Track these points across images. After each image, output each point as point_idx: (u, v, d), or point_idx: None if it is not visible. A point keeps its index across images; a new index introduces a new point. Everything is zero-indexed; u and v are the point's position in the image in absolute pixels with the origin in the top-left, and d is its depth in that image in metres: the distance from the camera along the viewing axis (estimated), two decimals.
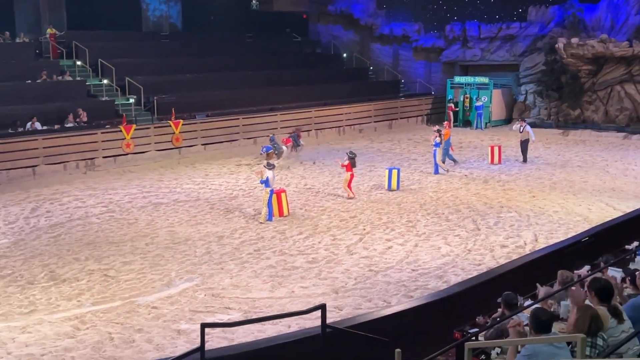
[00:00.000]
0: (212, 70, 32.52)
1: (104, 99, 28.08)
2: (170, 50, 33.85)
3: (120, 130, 25.28)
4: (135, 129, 25.64)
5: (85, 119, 25.78)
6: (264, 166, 18.04)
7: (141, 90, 27.96)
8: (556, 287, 8.54)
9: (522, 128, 25.60)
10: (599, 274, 8.19)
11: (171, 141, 26.70)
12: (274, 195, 18.10)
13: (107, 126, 25.73)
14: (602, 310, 6.46)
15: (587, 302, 6.60)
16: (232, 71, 33.09)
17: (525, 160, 25.60)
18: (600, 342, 6.05)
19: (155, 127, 26.58)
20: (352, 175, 20.15)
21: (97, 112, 26.56)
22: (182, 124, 26.97)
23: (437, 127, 24.03)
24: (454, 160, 25.13)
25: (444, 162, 24.12)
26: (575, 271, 9.41)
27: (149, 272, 13.89)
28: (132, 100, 28.13)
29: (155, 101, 27.88)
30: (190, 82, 30.91)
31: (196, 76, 31.50)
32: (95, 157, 24.68)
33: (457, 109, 36.05)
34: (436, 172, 23.64)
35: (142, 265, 14.35)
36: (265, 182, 17.59)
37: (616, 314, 6.45)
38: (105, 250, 15.33)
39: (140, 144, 25.80)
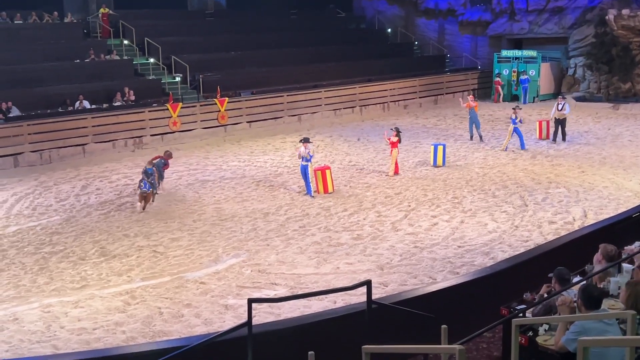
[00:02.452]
0: (257, 48, 32.57)
1: (150, 77, 28.38)
2: (215, 29, 33.97)
3: (167, 109, 25.55)
4: (181, 107, 25.88)
5: (132, 98, 26.12)
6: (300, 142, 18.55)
7: (187, 69, 28.18)
8: (598, 261, 8.38)
9: (561, 106, 24.44)
10: None
11: (217, 119, 26.89)
12: (319, 172, 18.17)
13: (154, 105, 26.02)
14: None
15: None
16: (276, 48, 33.08)
17: (564, 139, 24.42)
18: None
19: (201, 105, 26.79)
20: (398, 152, 20.08)
21: (144, 91, 26.86)
22: (228, 102, 27.13)
23: (516, 104, 23.89)
24: (471, 136, 24.94)
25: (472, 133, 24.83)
26: (625, 247, 9.24)
27: (197, 248, 14.10)
28: (178, 79, 28.37)
29: (200, 79, 28.06)
30: (235, 60, 31.02)
31: (241, 54, 31.59)
32: (143, 135, 25.00)
33: (502, 83, 35.53)
34: (523, 147, 23.27)
35: (190, 241, 14.56)
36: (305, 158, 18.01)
37: None
38: (154, 227, 15.59)
39: (187, 122, 26.05)
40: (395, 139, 19.81)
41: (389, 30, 40.87)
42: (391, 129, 20.48)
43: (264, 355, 7.14)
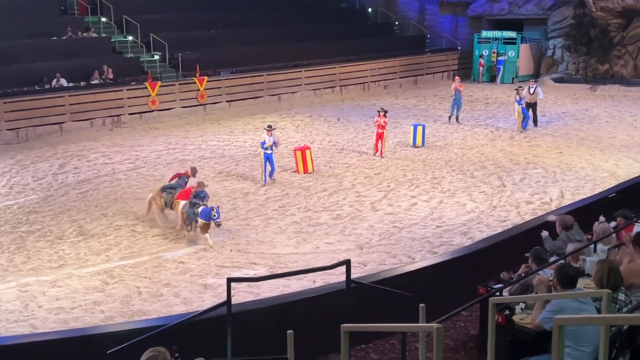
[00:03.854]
0: (237, 26, 32.29)
1: (129, 55, 28.08)
2: (194, 6, 33.58)
3: (146, 87, 25.34)
4: (160, 86, 25.67)
5: (110, 76, 25.85)
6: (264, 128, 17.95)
7: (166, 47, 27.92)
8: (559, 232, 8.58)
9: (532, 89, 23.84)
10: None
11: (196, 98, 26.73)
12: (299, 152, 18.15)
13: (133, 83, 25.80)
14: None
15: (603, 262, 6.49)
16: (256, 27, 32.84)
17: (536, 123, 23.87)
18: (621, 296, 6.04)
19: (180, 84, 26.60)
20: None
21: (122, 69, 26.60)
22: (207, 81, 26.95)
23: (518, 85, 23.84)
24: (450, 117, 24.95)
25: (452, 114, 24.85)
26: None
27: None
28: (157, 57, 28.11)
29: (179, 58, 27.83)
30: (214, 38, 30.75)
31: (220, 32, 31.32)
32: (121, 114, 24.81)
33: (484, 65, 35.66)
34: (525, 126, 23.21)
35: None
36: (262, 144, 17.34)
37: None
38: (133, 206, 15.51)
39: (166, 100, 25.86)
40: (383, 121, 19.66)
41: (370, 9, 40.70)
42: (381, 111, 20.05)
43: (243, 334, 7.16)
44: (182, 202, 13.65)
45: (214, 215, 12.87)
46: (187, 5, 33.26)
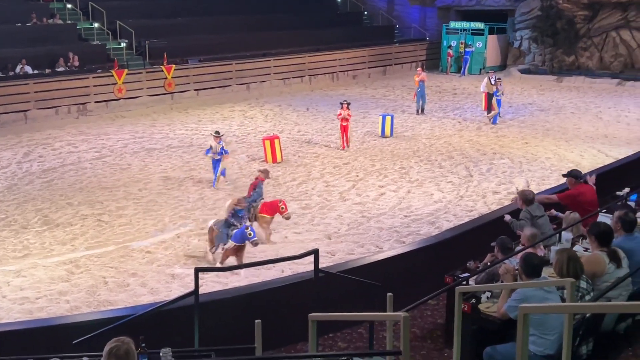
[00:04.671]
0: (205, 14, 32.01)
1: (95, 43, 27.70)
2: None
3: (112, 75, 25.03)
4: (127, 74, 25.38)
5: (76, 64, 25.48)
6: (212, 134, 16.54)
7: (132, 34, 27.58)
8: (519, 206, 8.82)
9: (493, 80, 23.58)
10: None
11: (163, 86, 26.47)
12: (267, 142, 18.10)
13: (99, 71, 25.46)
14: (601, 254, 6.53)
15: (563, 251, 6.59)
16: (224, 15, 32.58)
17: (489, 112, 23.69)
18: (583, 284, 6.14)
19: (147, 72, 26.31)
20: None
21: (88, 57, 26.21)
22: (175, 69, 26.70)
23: (497, 77, 23.88)
24: (418, 109, 24.91)
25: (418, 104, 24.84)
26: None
27: (143, 218, 13.95)
28: (123, 45, 27.76)
29: (147, 45, 27.51)
30: (182, 26, 30.44)
31: (188, 20, 31.03)
32: (87, 102, 24.47)
33: (453, 55, 35.89)
34: (494, 122, 23.14)
35: (136, 210, 14.39)
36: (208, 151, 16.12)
37: (615, 258, 6.52)
38: (99, 196, 15.35)
39: (132, 89, 25.58)
40: (347, 114, 19.58)
41: None
42: (345, 103, 20.03)
43: (211, 324, 7.14)
44: (266, 216, 12.51)
45: (249, 234, 11.27)
46: None
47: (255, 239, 11.32)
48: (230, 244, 11.51)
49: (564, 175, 10.55)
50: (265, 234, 12.53)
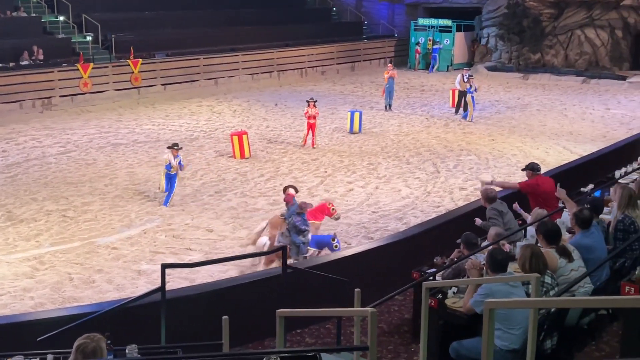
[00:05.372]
0: (172, 9, 31.71)
1: (60, 36, 27.28)
2: None
3: (77, 69, 24.70)
4: (92, 68, 25.06)
5: (41, 57, 25.09)
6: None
7: (98, 28, 27.24)
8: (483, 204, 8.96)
9: (466, 77, 23.63)
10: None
11: (130, 81, 26.20)
12: (235, 137, 18.02)
13: (64, 64, 25.10)
14: (551, 251, 6.64)
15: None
16: (192, 9, 32.35)
17: (465, 110, 23.67)
18: (548, 280, 6.23)
19: (113, 66, 26.01)
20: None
21: (53, 50, 25.83)
22: (141, 63, 26.44)
23: (470, 74, 23.97)
24: (386, 106, 24.92)
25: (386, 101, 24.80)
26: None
27: (109, 213, 13.80)
28: (89, 38, 27.40)
29: (113, 39, 27.19)
30: (149, 20, 30.14)
31: (155, 14, 30.72)
32: (52, 96, 24.12)
33: (420, 52, 36.09)
34: (465, 117, 23.23)
35: (102, 206, 14.23)
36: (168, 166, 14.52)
37: (565, 253, 6.64)
38: (64, 191, 15.14)
39: (98, 83, 25.27)
40: (315, 112, 19.44)
41: None
42: (310, 101, 19.80)
43: (178, 321, 7.10)
44: (316, 222, 11.72)
45: (335, 246, 10.62)
46: None
47: (340, 250, 10.74)
48: (312, 250, 10.98)
49: (523, 169, 10.79)
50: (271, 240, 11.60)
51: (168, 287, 6.85)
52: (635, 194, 7.70)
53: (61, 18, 27.77)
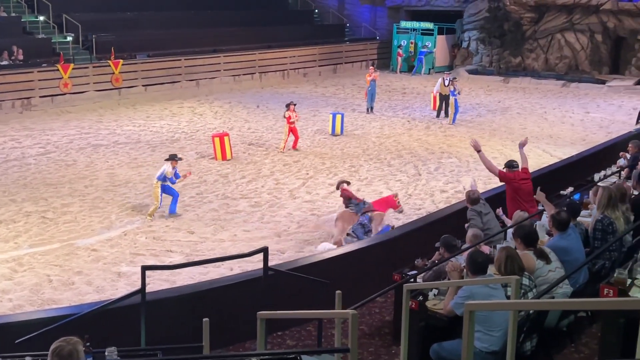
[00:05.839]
0: (154, 9, 31.58)
1: (40, 36, 27.06)
2: None
3: (58, 70, 24.52)
4: (73, 68, 24.90)
5: (21, 57, 24.86)
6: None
7: (79, 28, 27.05)
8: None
9: (447, 81, 23.72)
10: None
11: (111, 81, 26.05)
12: (217, 139, 17.97)
13: (44, 65, 24.90)
14: (529, 254, 6.69)
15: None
16: (174, 10, 32.22)
17: (446, 114, 23.71)
18: (525, 281, 6.27)
19: (94, 67, 25.85)
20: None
21: (33, 50, 25.61)
22: (122, 64, 26.31)
23: (453, 77, 24.05)
24: (368, 108, 24.97)
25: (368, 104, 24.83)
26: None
27: (89, 215, 13.71)
28: (69, 39, 27.20)
29: (94, 40, 27.02)
30: (130, 21, 29.98)
31: (137, 14, 30.56)
32: (32, 96, 23.93)
33: (406, 55, 36.21)
34: (454, 121, 23.26)
35: (82, 207, 14.13)
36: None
37: (542, 255, 6.70)
38: (43, 192, 15.02)
39: (79, 83, 25.10)
40: (295, 115, 19.39)
41: None
42: (291, 105, 19.79)
43: (158, 323, 7.06)
44: (382, 213, 12.29)
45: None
46: None
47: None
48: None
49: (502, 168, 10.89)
50: (339, 234, 12.13)
51: (148, 289, 6.81)
52: (616, 195, 7.77)
53: (41, 18, 27.55)
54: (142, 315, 6.41)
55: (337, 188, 13.13)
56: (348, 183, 13.46)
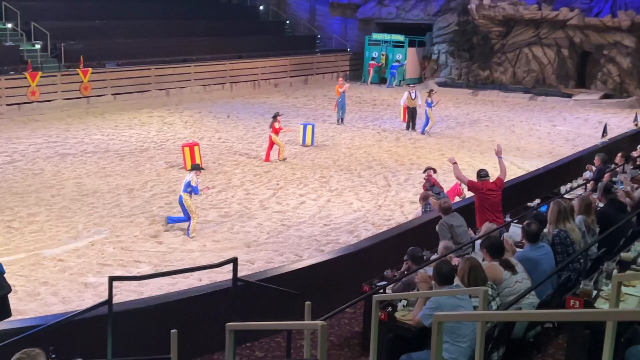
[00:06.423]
0: (124, 18, 31.40)
1: (8, 44, 26.69)
2: None
3: (25, 77, 24.22)
4: (41, 77, 24.63)
5: None
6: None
7: (48, 36, 26.77)
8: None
9: (414, 94, 24.03)
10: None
11: (79, 90, 25.81)
12: (187, 148, 17.88)
13: (12, 73, 24.60)
14: (495, 265, 6.76)
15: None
16: (144, 19, 32.07)
17: (414, 127, 24.03)
18: (489, 291, 6.33)
19: (62, 75, 25.60)
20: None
21: (0, 58, 25.27)
22: (91, 73, 26.08)
23: (430, 88, 24.15)
24: (338, 119, 25.09)
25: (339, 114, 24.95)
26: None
27: (55, 224, 13.53)
28: (38, 46, 26.90)
29: (62, 48, 26.75)
30: (100, 29, 29.74)
31: (106, 23, 30.32)
32: None
33: (380, 65, 36.44)
34: (423, 130, 23.58)
35: (48, 217, 13.95)
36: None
37: (508, 266, 6.77)
38: (9, 201, 14.79)
39: (47, 92, 24.83)
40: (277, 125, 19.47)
41: (261, 7, 40.66)
42: (277, 116, 19.72)
43: (125, 335, 6.98)
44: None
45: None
46: None
47: None
48: None
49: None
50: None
51: (115, 300, 6.74)
52: (565, 208, 7.87)
53: (9, 25, 27.20)
54: (109, 327, 6.33)
55: (424, 172, 14.52)
56: (435, 171, 14.63)
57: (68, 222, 13.71)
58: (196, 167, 14.00)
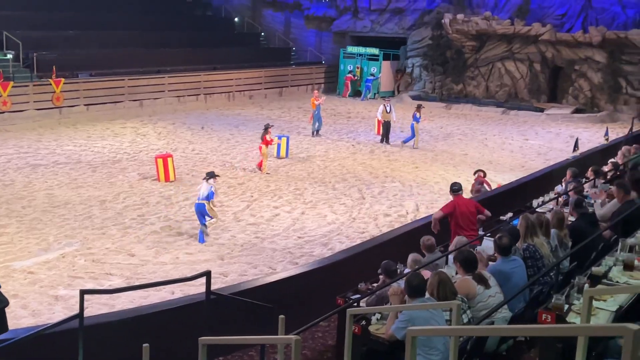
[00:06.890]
0: (97, 28, 31.14)
1: None
2: (52, 4, 32.13)
3: None
4: (12, 86, 24.34)
5: None
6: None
7: (20, 46, 26.51)
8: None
9: (389, 108, 24.30)
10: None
11: (51, 100, 25.55)
12: (160, 160, 17.77)
13: None
14: (469, 279, 6.80)
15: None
16: (118, 29, 31.86)
17: (388, 141, 24.15)
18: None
19: (34, 85, 25.35)
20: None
21: None
22: (64, 83, 25.85)
23: (418, 103, 24.29)
24: (313, 132, 25.19)
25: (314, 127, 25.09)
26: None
27: (26, 236, 13.35)
28: (9, 56, 26.60)
29: (35, 57, 26.49)
30: (73, 39, 29.50)
31: (80, 33, 30.08)
32: None
33: (356, 78, 36.57)
34: (406, 141, 23.85)
35: (18, 228, 13.76)
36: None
37: (482, 280, 6.81)
38: None
39: (18, 102, 24.55)
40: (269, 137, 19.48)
41: (236, 19, 40.68)
42: (268, 127, 19.82)
43: (97, 349, 6.89)
44: None
45: None
46: (44, 2, 31.75)
47: None
48: None
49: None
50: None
51: (87, 313, 6.65)
52: (533, 223, 7.95)
53: None
54: (80, 341, 6.25)
55: (474, 173, 16.06)
56: (485, 174, 15.95)
57: (39, 233, 13.54)
58: (212, 175, 14.31)
